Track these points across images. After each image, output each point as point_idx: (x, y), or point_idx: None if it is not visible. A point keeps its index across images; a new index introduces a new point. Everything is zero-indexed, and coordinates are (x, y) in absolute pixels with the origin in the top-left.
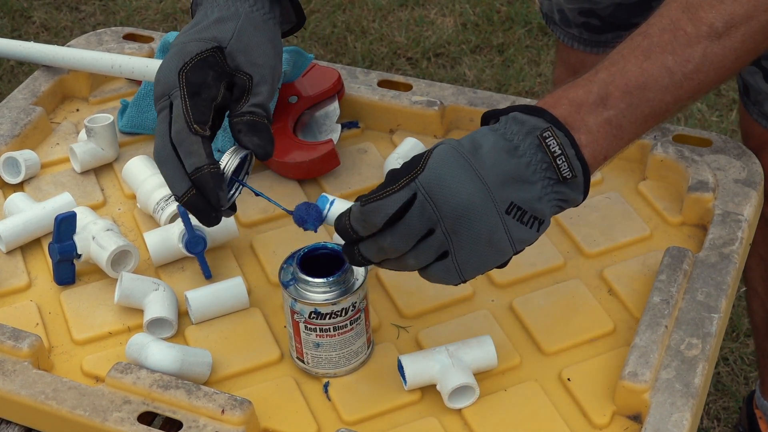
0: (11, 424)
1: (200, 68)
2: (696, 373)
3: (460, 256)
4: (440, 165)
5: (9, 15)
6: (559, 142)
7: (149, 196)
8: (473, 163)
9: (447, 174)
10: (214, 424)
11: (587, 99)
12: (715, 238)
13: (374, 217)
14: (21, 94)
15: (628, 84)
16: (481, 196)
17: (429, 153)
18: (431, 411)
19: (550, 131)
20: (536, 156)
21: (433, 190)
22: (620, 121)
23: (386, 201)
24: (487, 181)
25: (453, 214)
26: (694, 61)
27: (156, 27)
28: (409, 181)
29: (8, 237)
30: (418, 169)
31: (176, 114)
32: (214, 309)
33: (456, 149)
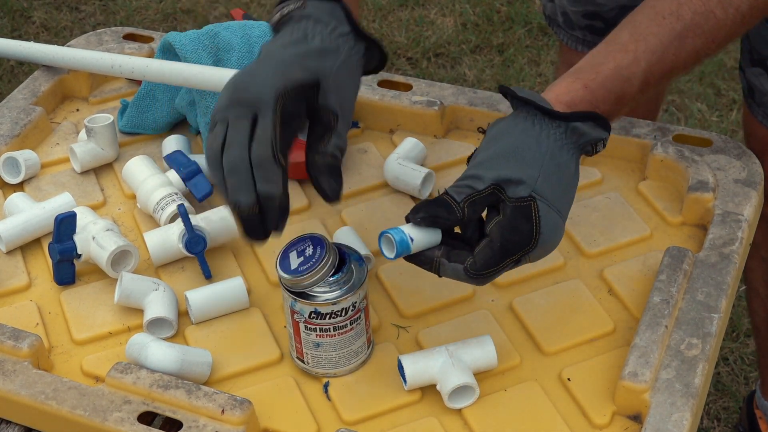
0: (11, 424)
1: (298, 99)
2: (696, 373)
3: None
4: (548, 239)
5: (9, 15)
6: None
7: (149, 196)
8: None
9: (551, 243)
10: (214, 424)
11: (629, 91)
12: (715, 238)
13: (482, 283)
14: (21, 94)
15: (663, 70)
16: (561, 234)
17: (537, 224)
18: (431, 411)
19: (603, 142)
20: (582, 152)
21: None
22: (647, 95)
23: (500, 273)
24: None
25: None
26: (717, 42)
27: (156, 27)
28: (521, 256)
29: (8, 237)
30: (531, 246)
31: (263, 136)
32: (214, 309)
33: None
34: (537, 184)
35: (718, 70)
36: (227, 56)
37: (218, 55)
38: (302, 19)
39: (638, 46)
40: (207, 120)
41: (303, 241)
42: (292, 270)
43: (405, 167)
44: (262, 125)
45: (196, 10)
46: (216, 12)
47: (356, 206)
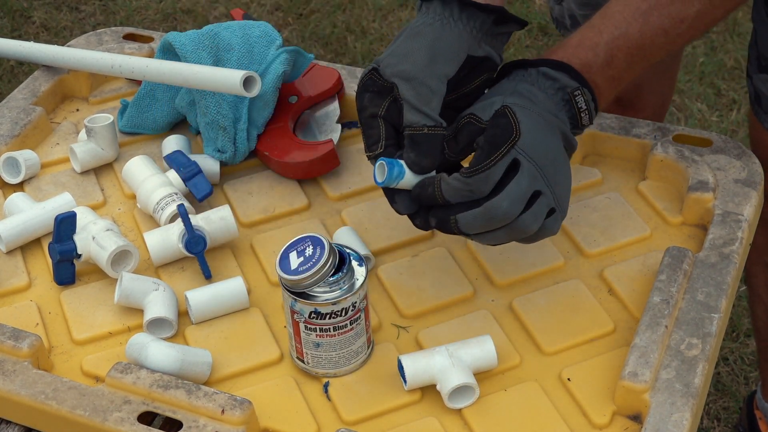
0: (11, 424)
1: (359, 94)
2: (696, 373)
3: (563, 202)
4: (530, 128)
5: (9, 15)
6: (584, 99)
7: (149, 196)
8: (542, 118)
9: (538, 134)
10: (214, 424)
11: (596, 61)
12: (715, 238)
13: (483, 185)
14: (21, 94)
15: (629, 47)
16: (559, 144)
17: (513, 115)
18: (431, 411)
19: (579, 90)
20: (564, 107)
21: (534, 152)
22: (621, 75)
23: (494, 169)
24: (556, 129)
25: (552, 168)
26: (688, 21)
27: (156, 27)
28: (510, 147)
29: (8, 237)
30: (515, 136)
31: None
32: (214, 309)
33: (528, 108)
34: (509, 99)
35: (718, 71)
36: (227, 56)
37: (218, 55)
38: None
39: (603, 21)
40: (207, 120)
41: (303, 241)
42: (292, 270)
43: None
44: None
45: (196, 10)
46: (216, 12)
47: (356, 206)
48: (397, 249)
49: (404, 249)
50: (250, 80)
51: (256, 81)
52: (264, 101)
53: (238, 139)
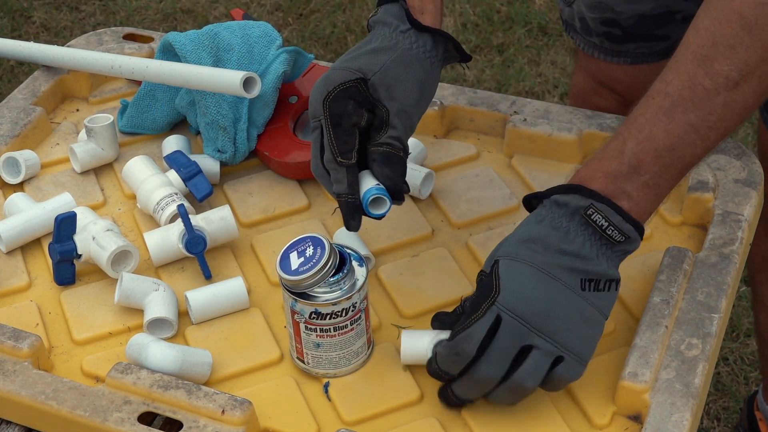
0: (11, 424)
1: (341, 98)
2: (696, 373)
3: (573, 347)
4: (512, 280)
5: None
6: (603, 215)
7: (149, 196)
8: (537, 264)
9: (521, 287)
10: (214, 424)
11: (620, 170)
12: (715, 238)
13: (466, 346)
14: (21, 94)
15: (657, 149)
16: (557, 289)
17: (496, 273)
18: (431, 411)
19: (592, 208)
20: (587, 232)
21: (516, 306)
22: (656, 180)
23: (474, 328)
24: (554, 274)
25: (542, 318)
26: (716, 113)
27: (156, 27)
28: (489, 305)
29: (8, 237)
30: (494, 293)
31: (325, 142)
32: (214, 309)
33: (516, 260)
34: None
35: None
36: (227, 56)
37: (218, 55)
38: (375, 24)
39: (627, 127)
40: (207, 120)
41: (303, 241)
42: (293, 270)
43: None
44: (320, 133)
45: (196, 10)
46: (216, 12)
47: None
48: (397, 249)
49: (404, 249)
50: (250, 81)
51: (256, 81)
52: (264, 101)
53: (238, 139)
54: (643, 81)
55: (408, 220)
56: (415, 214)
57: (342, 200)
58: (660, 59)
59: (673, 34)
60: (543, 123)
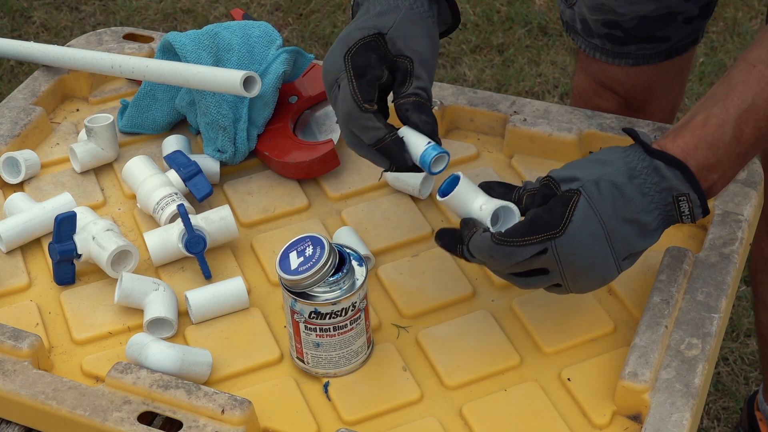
0: (11, 424)
1: (364, 51)
2: (696, 373)
3: (576, 287)
4: (579, 231)
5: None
6: (690, 206)
7: (149, 196)
8: (607, 222)
9: (582, 244)
10: (214, 424)
11: (723, 139)
12: (715, 238)
13: (505, 260)
14: (21, 94)
15: (758, 120)
16: (605, 258)
17: (572, 209)
18: (431, 411)
19: (686, 198)
20: (665, 209)
21: (565, 255)
22: (749, 151)
23: (520, 251)
24: (614, 239)
25: (575, 271)
26: None
27: (156, 27)
28: (547, 239)
29: (8, 237)
30: (558, 231)
31: (343, 95)
32: (214, 309)
33: (595, 206)
34: (588, 185)
35: (719, 71)
36: (227, 56)
37: (218, 55)
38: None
39: (728, 95)
40: (207, 120)
41: (303, 241)
42: (292, 270)
43: None
44: (342, 88)
45: (196, 10)
46: (216, 12)
47: (356, 206)
48: (397, 249)
49: (404, 249)
50: (250, 80)
51: (256, 81)
52: (264, 101)
53: (238, 139)
54: (644, 82)
55: (408, 220)
56: (415, 214)
57: (385, 144)
58: (661, 60)
59: (674, 35)
60: (543, 123)
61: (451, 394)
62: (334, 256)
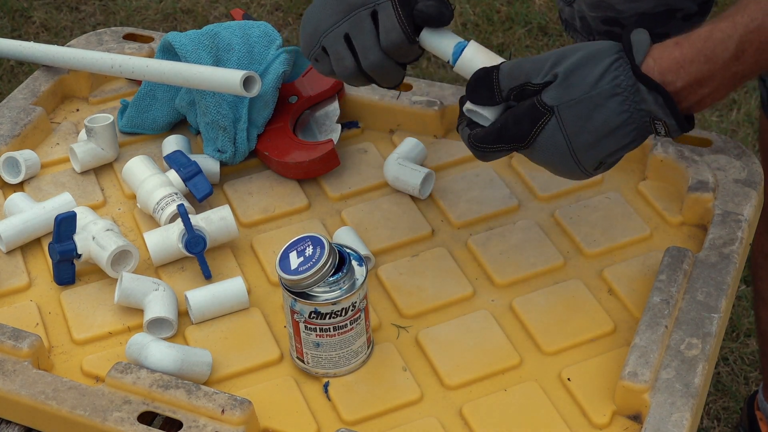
0: (11, 424)
1: None
2: (696, 373)
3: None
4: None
5: (9, 15)
6: (666, 129)
7: (149, 196)
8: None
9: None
10: (214, 424)
11: (723, 55)
12: (715, 238)
13: (478, 157)
14: (21, 94)
15: (762, 41)
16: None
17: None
18: (431, 411)
19: (663, 124)
20: (641, 126)
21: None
22: (746, 72)
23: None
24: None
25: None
26: None
27: (156, 27)
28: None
29: (8, 237)
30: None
31: (390, 26)
32: (214, 309)
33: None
34: (564, 107)
35: None
36: (227, 56)
37: (218, 55)
38: None
39: (738, 12)
40: (207, 120)
41: (303, 241)
42: (292, 270)
43: (405, 167)
44: (385, 15)
45: (196, 10)
46: (216, 12)
47: (356, 206)
48: (397, 249)
49: (404, 249)
50: (250, 80)
51: (256, 81)
52: (264, 101)
53: (238, 139)
54: None
55: (408, 220)
56: (415, 214)
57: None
58: None
59: (674, 32)
60: None
61: (451, 394)
62: (334, 256)
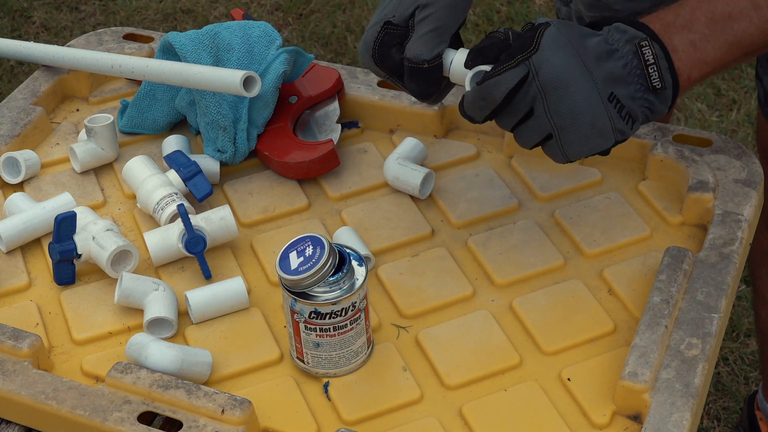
0: (11, 424)
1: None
2: (696, 373)
3: (565, 136)
4: (552, 47)
5: (9, 15)
6: (653, 52)
7: (149, 196)
8: (580, 52)
9: (558, 57)
10: (214, 424)
11: (675, 21)
12: (715, 238)
13: (495, 91)
14: (21, 94)
15: (713, 11)
16: (586, 80)
17: (540, 33)
18: (431, 411)
19: (647, 42)
20: (632, 61)
21: (545, 70)
22: (704, 45)
23: (505, 76)
24: (591, 70)
25: (557, 93)
26: None
27: (156, 27)
28: (524, 58)
29: (8, 237)
30: (533, 49)
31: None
32: (214, 309)
33: (565, 35)
34: (555, 22)
35: None
36: (227, 56)
37: (218, 55)
38: None
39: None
40: (207, 120)
41: (303, 241)
42: (292, 270)
43: (405, 167)
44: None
45: (196, 10)
46: (216, 12)
47: (356, 206)
48: (397, 249)
49: (404, 249)
50: (250, 80)
51: (256, 81)
52: (264, 101)
53: (238, 139)
54: None
55: (408, 220)
56: (415, 214)
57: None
58: None
59: None
60: None
61: (451, 394)
62: (334, 256)
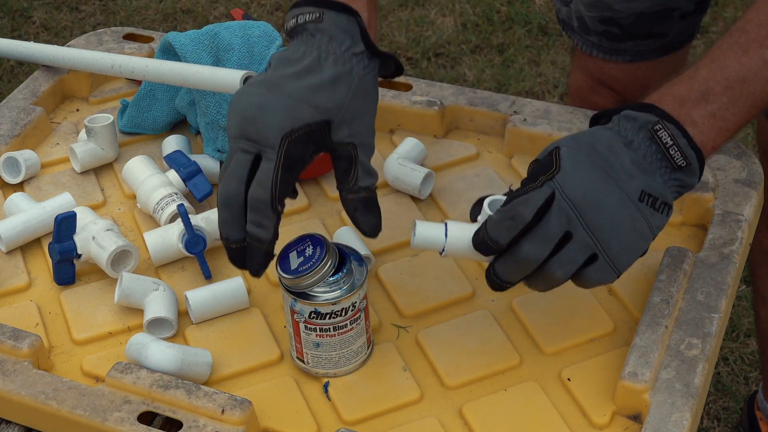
0: (11, 424)
1: (304, 143)
2: (696, 373)
3: (611, 250)
4: (572, 164)
5: (9, 15)
6: (669, 133)
7: (149, 196)
8: (598, 161)
9: (581, 173)
10: (214, 424)
11: (689, 95)
12: (715, 238)
13: (523, 209)
14: (21, 94)
15: (728, 79)
16: (614, 188)
17: (557, 155)
18: (431, 411)
19: (660, 124)
20: (650, 148)
21: (571, 189)
22: (724, 113)
23: (532, 195)
24: (616, 177)
25: (592, 209)
26: None
27: (156, 27)
28: (547, 179)
29: (8, 237)
30: (555, 169)
31: (263, 178)
32: (214, 309)
33: (579, 150)
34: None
35: None
36: (227, 56)
37: (218, 55)
38: (317, 33)
39: (702, 58)
40: (207, 120)
41: (303, 241)
42: (292, 270)
43: (405, 167)
44: (265, 168)
45: (196, 10)
46: (216, 12)
47: None
48: (397, 249)
49: (404, 249)
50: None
51: None
52: None
53: None
54: (641, 79)
55: (408, 219)
56: (415, 214)
57: (256, 247)
58: (658, 57)
59: (671, 31)
60: (543, 123)
61: (451, 394)
62: (334, 256)
